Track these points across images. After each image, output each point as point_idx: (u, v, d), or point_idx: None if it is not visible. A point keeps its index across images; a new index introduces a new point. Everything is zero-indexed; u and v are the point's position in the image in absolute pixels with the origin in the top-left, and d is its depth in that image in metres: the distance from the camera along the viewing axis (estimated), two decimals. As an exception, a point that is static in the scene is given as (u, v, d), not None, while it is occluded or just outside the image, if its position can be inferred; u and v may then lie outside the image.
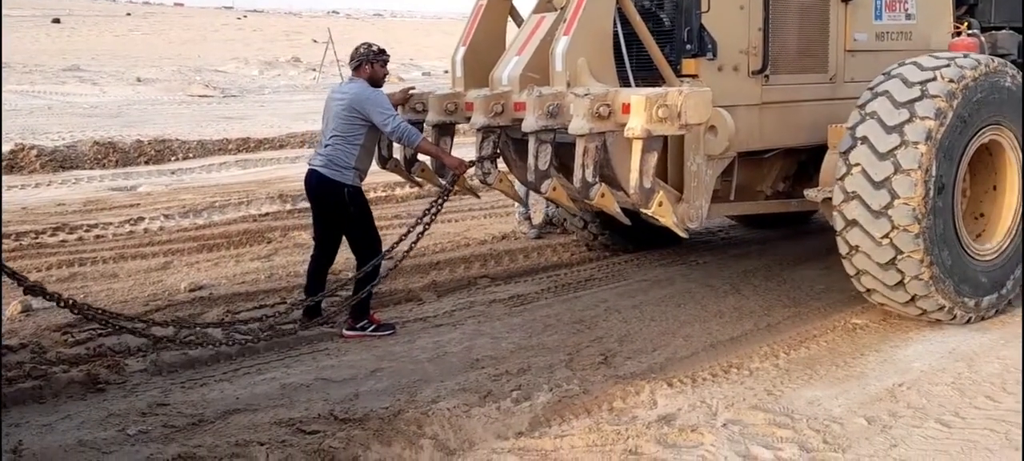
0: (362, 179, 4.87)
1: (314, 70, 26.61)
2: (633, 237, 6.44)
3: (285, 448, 3.34)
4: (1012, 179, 5.05)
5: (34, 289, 3.71)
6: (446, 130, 5.04)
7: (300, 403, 3.83)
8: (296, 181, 9.68)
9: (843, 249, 4.70)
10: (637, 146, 3.98)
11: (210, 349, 4.40)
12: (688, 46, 4.76)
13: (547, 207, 7.25)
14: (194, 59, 32.69)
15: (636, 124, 3.92)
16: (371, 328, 4.80)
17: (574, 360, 4.34)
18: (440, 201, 5.05)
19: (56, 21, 57.11)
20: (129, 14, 75.23)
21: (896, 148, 4.47)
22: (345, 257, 6.40)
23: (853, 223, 4.57)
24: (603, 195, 4.24)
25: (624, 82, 4.64)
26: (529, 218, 7.10)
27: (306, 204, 8.26)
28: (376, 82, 4.86)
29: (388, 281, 5.79)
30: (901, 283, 4.54)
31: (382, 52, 4.94)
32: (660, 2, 4.94)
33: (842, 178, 4.60)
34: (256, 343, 4.53)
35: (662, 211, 4.20)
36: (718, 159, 4.62)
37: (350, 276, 5.08)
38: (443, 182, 5.14)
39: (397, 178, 9.46)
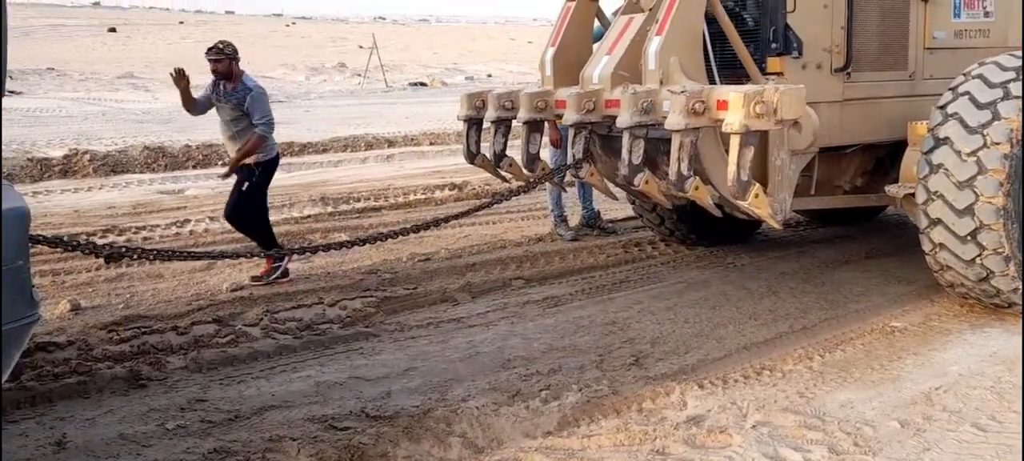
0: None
1: (359, 75, 26.91)
2: (706, 233, 6.59)
3: (316, 444, 3.41)
4: None
5: (111, 255, 3.78)
6: (536, 127, 5.13)
7: (333, 400, 3.90)
8: (338, 184, 9.88)
9: (927, 246, 4.79)
10: (735, 141, 4.07)
11: (247, 347, 4.51)
12: (773, 45, 4.87)
13: (583, 210, 7.30)
14: (244, 65, 33.29)
15: (735, 119, 4.01)
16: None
17: (605, 361, 4.35)
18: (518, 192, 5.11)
19: (112, 30, 58.58)
20: (182, 22, 76.92)
21: (979, 149, 4.52)
22: (382, 257, 6.51)
23: (937, 221, 4.66)
24: (697, 187, 4.32)
25: (709, 80, 4.72)
26: (565, 220, 7.14)
27: (347, 207, 8.50)
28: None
29: (424, 282, 5.89)
30: (986, 278, 4.62)
31: (209, 50, 6.08)
32: (745, 2, 5.01)
33: (925, 178, 4.67)
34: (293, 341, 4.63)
35: (758, 203, 4.30)
36: (802, 154, 4.77)
37: (389, 276, 5.14)
38: (530, 176, 5.21)
39: (437, 181, 9.69)
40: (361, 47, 37.93)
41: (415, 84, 25.13)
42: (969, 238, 4.56)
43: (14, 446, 3.48)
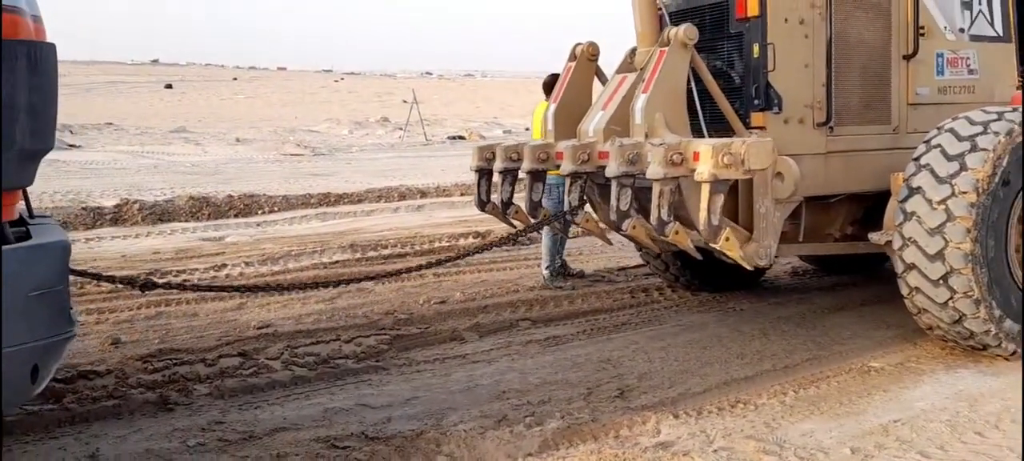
0: None
1: (400, 129, 27.74)
2: (710, 279, 6.91)
3: (317, 459, 3.80)
4: None
5: (146, 285, 4.25)
6: (538, 176, 5.62)
7: (338, 424, 4.29)
8: (368, 232, 10.39)
9: (904, 290, 5.08)
10: (705, 189, 4.50)
11: (267, 378, 4.94)
12: (756, 101, 5.24)
13: (556, 256, 7.50)
14: (291, 120, 34.55)
15: (704, 169, 4.44)
16: None
17: (592, 394, 4.68)
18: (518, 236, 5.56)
19: (168, 86, 61.05)
20: (235, 79, 79.68)
21: (948, 198, 4.81)
22: (401, 300, 6.94)
23: (912, 266, 4.95)
24: (677, 232, 4.71)
25: (699, 133, 5.19)
26: (548, 268, 7.41)
27: (375, 253, 8.98)
28: None
29: (437, 322, 6.28)
30: (959, 320, 4.88)
31: None
32: (732, 62, 5.42)
33: (900, 225, 4.96)
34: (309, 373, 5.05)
35: (728, 246, 4.71)
36: (785, 203, 5.13)
37: (404, 316, 5.54)
38: (532, 221, 5.68)
39: (462, 230, 10.14)
40: (405, 102, 39.10)
41: (453, 137, 25.85)
42: (941, 282, 4.82)
43: (55, 457, 3.93)
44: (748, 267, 4.91)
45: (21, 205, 3.32)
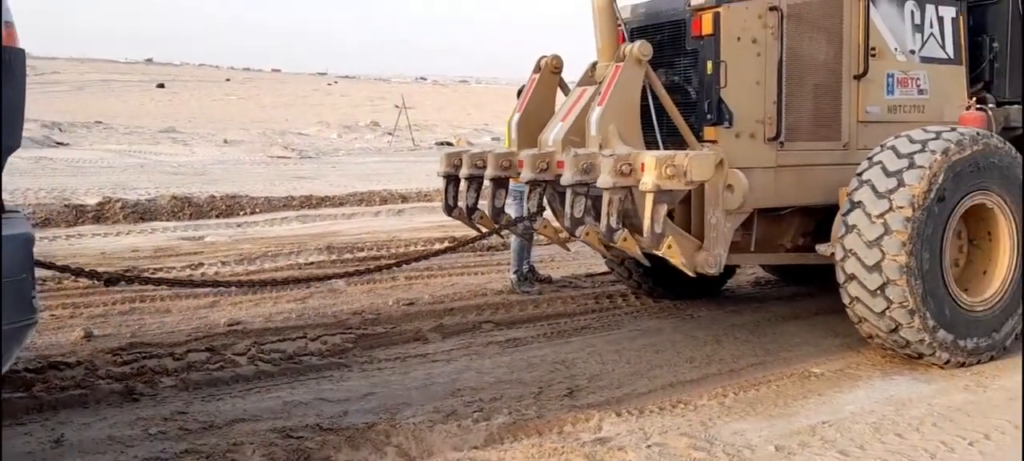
0: None
1: (389, 134, 27.93)
2: (672, 287, 7.12)
3: (271, 448, 3.99)
4: (1002, 239, 5.52)
5: (110, 279, 4.41)
6: (501, 183, 5.83)
7: (296, 416, 4.49)
8: (346, 235, 10.57)
9: (845, 300, 5.30)
10: (649, 198, 4.72)
11: (231, 372, 5.13)
12: (708, 115, 5.46)
13: (524, 262, 7.70)
14: (281, 122, 34.69)
15: (648, 180, 4.66)
16: None
17: (543, 393, 4.88)
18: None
19: (161, 86, 61.04)
20: (228, 80, 79.67)
21: (886, 212, 5.03)
22: (370, 301, 7.13)
23: (852, 277, 5.16)
24: (625, 239, 4.93)
25: (655, 146, 5.35)
26: (525, 277, 7.62)
27: (350, 255, 9.16)
28: None
29: (403, 322, 6.48)
30: (896, 330, 5.11)
31: None
32: (688, 77, 5.65)
33: (842, 237, 5.18)
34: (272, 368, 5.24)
35: (671, 253, 4.94)
36: (735, 214, 5.35)
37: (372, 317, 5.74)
38: (495, 226, 5.93)
39: (439, 234, 10.33)
40: (396, 107, 39.36)
41: (441, 143, 26.03)
42: (878, 292, 5.05)
43: (19, 443, 4.11)
44: (690, 274, 5.12)
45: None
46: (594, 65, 5.77)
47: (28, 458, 3.91)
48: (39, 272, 3.38)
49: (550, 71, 6.11)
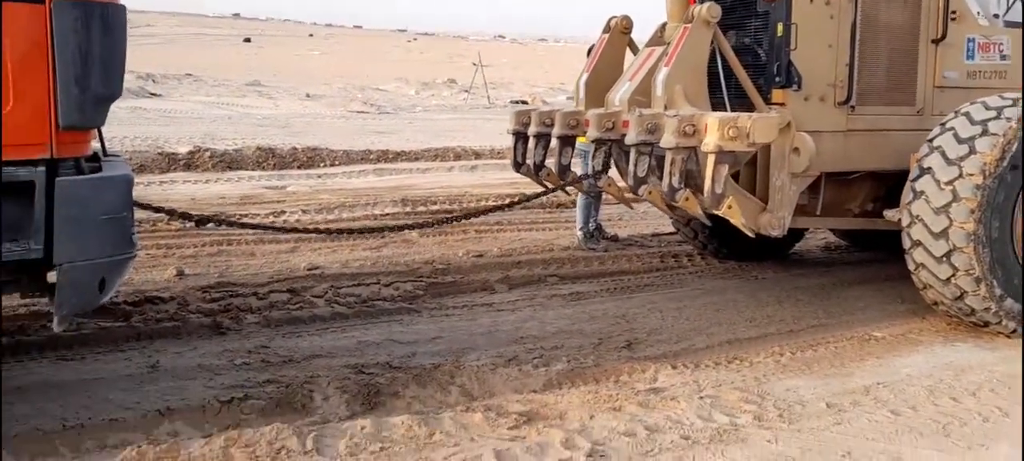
0: None
1: (465, 91, 28.19)
2: (738, 248, 7.14)
3: (344, 381, 4.28)
4: None
5: (201, 220, 4.80)
6: (568, 141, 5.98)
7: (368, 354, 4.77)
8: (420, 189, 10.87)
9: (911, 266, 5.30)
10: (710, 159, 4.82)
11: (310, 312, 5.46)
12: (777, 78, 5.46)
13: (590, 219, 7.81)
14: (362, 78, 35.33)
15: (710, 140, 4.76)
16: None
17: (602, 344, 5.06)
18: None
19: (247, 40, 62.66)
20: (312, 35, 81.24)
21: (955, 179, 5.01)
22: (441, 252, 7.40)
23: (918, 243, 5.17)
24: (687, 199, 5.04)
25: (722, 108, 5.40)
26: (591, 235, 7.74)
27: (424, 208, 9.45)
28: None
29: (471, 273, 6.72)
30: (961, 297, 5.10)
31: None
32: (759, 40, 5.67)
33: (910, 203, 5.18)
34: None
35: (731, 213, 5.02)
36: (801, 177, 5.37)
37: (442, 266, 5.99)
38: (561, 183, 6.11)
39: (510, 190, 10.53)
40: (474, 64, 39.61)
41: (516, 102, 26.15)
42: (944, 259, 5.03)
43: (120, 366, 4.50)
44: (750, 235, 5.19)
45: (97, 144, 3.85)
46: (664, 26, 5.83)
47: (128, 379, 4.29)
48: (137, 213, 3.71)
49: (620, 32, 6.19)
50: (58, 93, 3.19)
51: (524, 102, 26.23)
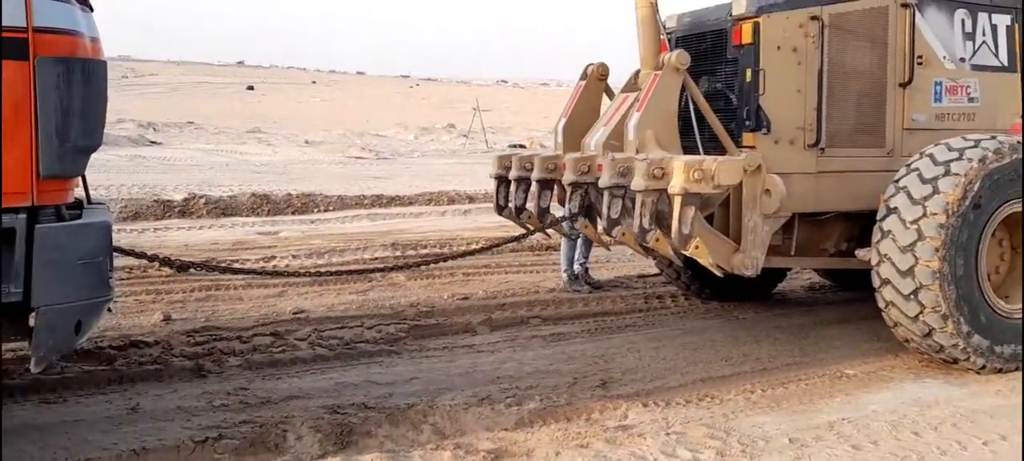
0: None
1: (464, 136, 28.48)
2: (720, 289, 7.26)
3: (318, 421, 4.36)
4: None
5: (182, 266, 4.93)
6: (547, 185, 6.12)
7: (345, 395, 4.86)
8: (412, 233, 11.01)
9: (881, 304, 5.40)
10: (677, 200, 4.94)
11: (291, 355, 5.56)
12: (747, 122, 5.62)
13: (577, 261, 7.95)
14: (361, 124, 35.71)
15: (676, 183, 4.88)
16: None
17: (577, 383, 5.14)
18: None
19: (250, 88, 63.35)
20: (314, 82, 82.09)
21: (920, 218, 5.13)
22: (427, 294, 7.50)
23: (886, 282, 5.27)
24: (657, 239, 5.16)
25: (695, 151, 5.56)
26: (576, 277, 7.88)
27: (413, 252, 9.57)
28: None
29: (455, 315, 6.81)
30: (929, 334, 5.20)
31: None
32: (730, 85, 5.84)
33: (878, 242, 5.30)
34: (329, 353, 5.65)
35: (698, 253, 5.12)
36: (772, 218, 5.46)
37: (426, 309, 6.10)
38: (540, 226, 6.26)
39: (501, 234, 10.65)
40: (474, 110, 39.99)
41: (514, 146, 26.40)
42: (911, 297, 5.13)
43: (100, 409, 4.59)
44: (716, 272, 5.29)
45: (81, 191, 4.00)
46: (637, 72, 6.00)
47: (107, 421, 4.38)
48: (126, 260, 3.85)
49: (596, 78, 6.37)
50: (40, 144, 3.33)
51: (522, 146, 26.48)
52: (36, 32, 3.30)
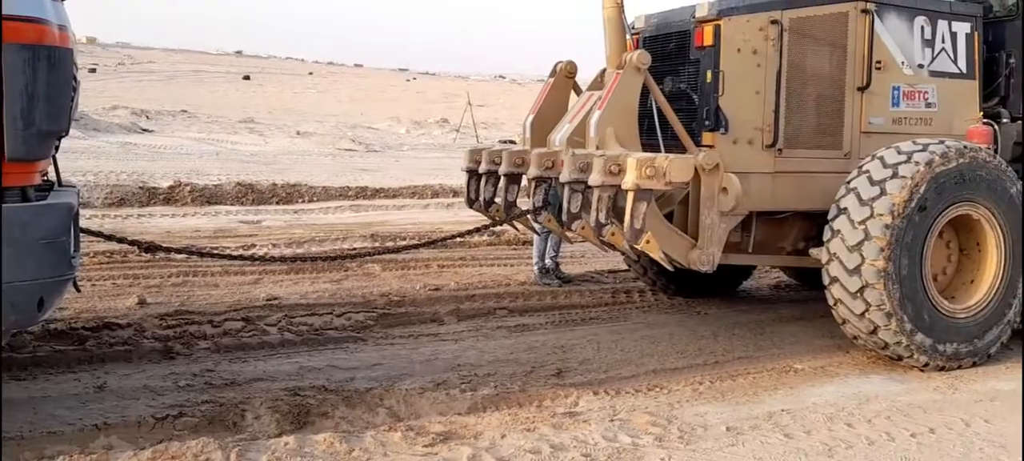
0: None
1: (456, 130, 28.62)
2: (686, 285, 7.47)
3: (277, 402, 4.53)
4: (989, 250, 5.73)
5: (149, 247, 5.10)
6: (514, 179, 6.29)
7: (307, 378, 5.03)
8: (392, 225, 11.16)
9: (830, 301, 5.59)
10: (630, 196, 5.09)
11: (259, 339, 5.73)
12: (706, 122, 5.79)
13: (546, 256, 8.14)
14: (355, 116, 35.82)
15: (629, 179, 5.04)
16: None
17: (533, 372, 5.32)
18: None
19: (246, 78, 63.33)
20: (311, 74, 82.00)
21: (867, 219, 5.30)
22: (400, 285, 7.66)
23: (835, 279, 5.45)
24: (613, 234, 5.31)
25: (657, 149, 5.71)
26: (547, 270, 8.06)
27: (391, 243, 9.73)
28: None
29: (424, 305, 6.98)
30: (875, 332, 5.39)
31: None
32: (693, 85, 6.00)
33: (829, 241, 5.48)
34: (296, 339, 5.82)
35: (649, 247, 5.29)
36: (729, 215, 5.64)
37: (397, 299, 6.26)
38: (506, 218, 6.44)
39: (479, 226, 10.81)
40: (469, 104, 40.08)
41: (505, 141, 26.52)
42: (858, 295, 5.32)
43: (69, 386, 4.76)
44: (666, 265, 5.47)
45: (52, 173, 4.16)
46: (603, 71, 6.16)
47: (74, 398, 4.54)
48: (105, 245, 3.99)
49: (565, 76, 6.54)
50: (6, 128, 3.49)
51: (512, 142, 26.60)
52: (5, 20, 3.45)
